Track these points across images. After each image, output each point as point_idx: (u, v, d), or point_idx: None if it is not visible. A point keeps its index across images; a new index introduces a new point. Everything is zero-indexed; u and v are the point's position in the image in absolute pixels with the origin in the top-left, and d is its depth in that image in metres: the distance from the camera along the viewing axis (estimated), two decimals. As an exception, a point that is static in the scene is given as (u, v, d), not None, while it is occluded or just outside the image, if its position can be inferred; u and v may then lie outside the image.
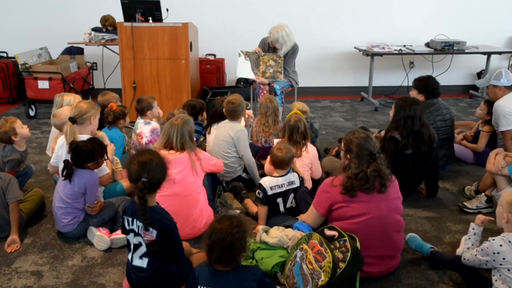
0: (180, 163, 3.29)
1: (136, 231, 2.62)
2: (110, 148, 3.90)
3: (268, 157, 3.60)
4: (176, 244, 2.63)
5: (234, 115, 4.20)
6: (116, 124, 4.40)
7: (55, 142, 3.97)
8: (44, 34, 7.53)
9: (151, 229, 2.56)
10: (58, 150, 3.79)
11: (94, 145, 3.45)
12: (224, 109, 4.25)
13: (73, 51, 7.34)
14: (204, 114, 4.81)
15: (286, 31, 5.64)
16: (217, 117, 4.48)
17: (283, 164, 3.48)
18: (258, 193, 3.49)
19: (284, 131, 4.00)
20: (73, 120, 3.68)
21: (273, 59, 5.76)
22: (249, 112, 4.73)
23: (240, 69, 5.86)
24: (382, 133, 4.26)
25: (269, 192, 3.46)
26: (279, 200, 3.51)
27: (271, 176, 3.51)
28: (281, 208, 3.53)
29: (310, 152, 4.00)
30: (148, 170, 2.49)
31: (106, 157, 3.58)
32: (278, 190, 3.49)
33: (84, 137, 3.60)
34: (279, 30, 5.63)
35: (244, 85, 7.06)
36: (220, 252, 2.27)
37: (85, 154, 3.40)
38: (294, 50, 5.80)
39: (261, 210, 3.52)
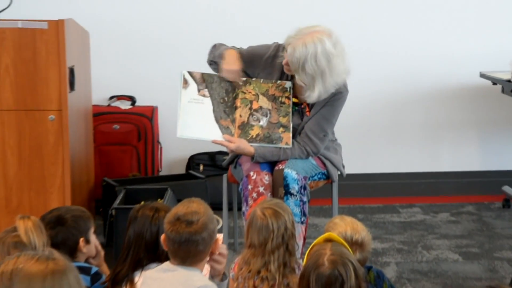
0: None
1: None
2: None
3: None
4: None
5: (190, 252, 2.61)
6: None
7: None
8: None
9: None
10: None
11: None
12: (163, 237, 2.59)
13: None
14: (95, 242, 2.75)
15: (326, 47, 3.21)
16: (139, 256, 2.64)
17: None
18: None
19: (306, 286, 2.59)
20: None
21: (269, 94, 3.61)
22: (220, 241, 2.75)
23: (184, 117, 3.43)
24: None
25: None
26: None
27: None
28: None
29: None
30: None
31: None
32: None
33: None
34: (308, 42, 3.24)
35: (205, 171, 4.27)
36: None
37: None
38: (339, 97, 3.48)
39: None
